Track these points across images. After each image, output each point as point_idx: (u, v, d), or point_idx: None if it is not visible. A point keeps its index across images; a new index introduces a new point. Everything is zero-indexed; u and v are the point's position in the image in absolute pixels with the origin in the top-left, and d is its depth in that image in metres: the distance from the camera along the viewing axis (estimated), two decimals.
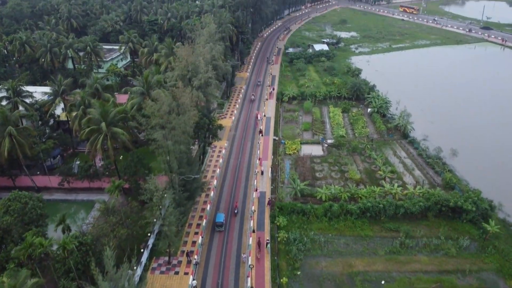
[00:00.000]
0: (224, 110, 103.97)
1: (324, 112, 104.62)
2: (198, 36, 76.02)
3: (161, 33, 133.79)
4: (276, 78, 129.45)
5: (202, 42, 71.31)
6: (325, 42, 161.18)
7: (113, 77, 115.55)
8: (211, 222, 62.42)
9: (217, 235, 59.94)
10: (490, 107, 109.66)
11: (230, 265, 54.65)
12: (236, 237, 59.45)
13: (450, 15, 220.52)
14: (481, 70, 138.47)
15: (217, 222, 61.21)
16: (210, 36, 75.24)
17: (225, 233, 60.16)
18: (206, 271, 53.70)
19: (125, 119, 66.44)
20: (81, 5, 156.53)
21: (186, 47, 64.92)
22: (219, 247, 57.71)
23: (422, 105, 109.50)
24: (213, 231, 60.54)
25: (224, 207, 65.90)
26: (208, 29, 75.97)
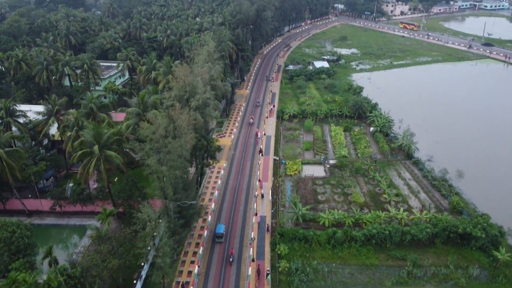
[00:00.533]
0: (223, 129, 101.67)
1: (326, 130, 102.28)
2: (197, 55, 74.06)
3: (160, 50, 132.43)
4: (276, 95, 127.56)
5: (200, 62, 69.34)
6: (325, 59, 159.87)
7: (110, 95, 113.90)
8: (209, 249, 59.45)
9: (215, 264, 56.91)
10: (495, 126, 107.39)
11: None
12: (234, 268, 56.34)
13: (450, 31, 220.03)
14: (485, 87, 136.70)
15: (217, 233, 60.67)
16: (209, 55, 73.33)
17: (223, 265, 56.99)
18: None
19: (120, 140, 63.98)
20: (80, 22, 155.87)
21: (184, 66, 62.85)
22: (217, 277, 54.63)
23: (426, 123, 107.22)
24: (211, 260, 57.49)
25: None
26: (207, 48, 74.10)
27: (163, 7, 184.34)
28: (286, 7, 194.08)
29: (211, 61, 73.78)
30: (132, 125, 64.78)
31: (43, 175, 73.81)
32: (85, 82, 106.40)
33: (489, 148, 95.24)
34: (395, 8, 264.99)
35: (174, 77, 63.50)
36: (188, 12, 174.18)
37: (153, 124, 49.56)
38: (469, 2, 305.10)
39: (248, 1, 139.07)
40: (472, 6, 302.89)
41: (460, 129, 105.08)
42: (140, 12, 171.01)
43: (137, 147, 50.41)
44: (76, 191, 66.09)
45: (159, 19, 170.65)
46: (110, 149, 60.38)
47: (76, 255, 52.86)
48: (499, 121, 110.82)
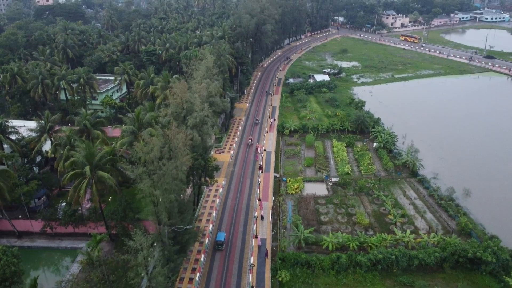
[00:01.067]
0: (222, 144, 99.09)
1: (327, 146, 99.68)
2: (195, 71, 71.76)
3: (159, 63, 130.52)
4: (276, 109, 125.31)
5: (198, 78, 67.01)
6: (326, 72, 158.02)
7: (107, 109, 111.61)
8: (206, 275, 56.37)
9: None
10: (501, 142, 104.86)
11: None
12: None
13: (452, 44, 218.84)
14: (489, 101, 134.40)
15: (218, 241, 60.72)
16: (208, 71, 71.04)
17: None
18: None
19: (114, 160, 61.31)
20: (78, 35, 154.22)
21: (181, 82, 60.54)
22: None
23: (430, 139, 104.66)
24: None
25: (219, 259, 59.86)
26: (206, 63, 71.87)
27: (162, 20, 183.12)
28: (286, 20, 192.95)
29: (210, 76, 71.54)
30: (127, 143, 62.19)
31: (34, 195, 70.99)
32: (82, 97, 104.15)
33: (495, 165, 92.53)
34: (395, 21, 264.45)
35: (171, 94, 61.08)
36: (187, 25, 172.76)
37: (147, 144, 46.95)
38: (469, 14, 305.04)
39: (248, 15, 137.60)
40: (472, 19, 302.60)
41: (465, 144, 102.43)
42: (139, 25, 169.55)
43: (129, 170, 47.74)
44: (67, 213, 63.20)
45: (158, 32, 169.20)
46: (103, 170, 57.69)
47: (65, 283, 49.82)
48: (505, 136, 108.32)
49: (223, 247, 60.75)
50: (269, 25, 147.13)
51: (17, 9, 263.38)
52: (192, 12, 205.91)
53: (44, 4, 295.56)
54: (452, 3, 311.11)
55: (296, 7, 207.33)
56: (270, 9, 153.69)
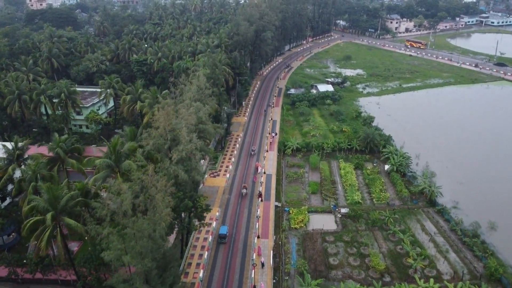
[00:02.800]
0: (217, 166, 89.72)
1: (334, 168, 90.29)
2: (185, 92, 62.43)
3: (150, 74, 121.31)
4: (277, 123, 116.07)
5: (188, 100, 57.68)
6: (329, 82, 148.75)
7: (93, 125, 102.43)
8: None
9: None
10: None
11: None
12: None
13: (459, 49, 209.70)
14: (505, 113, 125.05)
15: (221, 234, 63.91)
16: (199, 91, 61.75)
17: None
18: None
19: (85, 202, 51.82)
20: (66, 42, 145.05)
21: (165, 108, 51.31)
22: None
23: (446, 158, 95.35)
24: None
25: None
26: (197, 81, 62.58)
27: (156, 25, 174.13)
28: (287, 26, 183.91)
29: (202, 97, 62.25)
30: (101, 179, 52.79)
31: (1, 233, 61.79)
32: (64, 113, 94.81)
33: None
34: (399, 25, 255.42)
35: (154, 121, 51.79)
36: (183, 31, 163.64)
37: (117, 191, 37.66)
38: (475, 18, 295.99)
39: (247, 22, 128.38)
40: (478, 22, 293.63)
41: (486, 166, 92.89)
42: (132, 31, 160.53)
43: (93, 230, 38.50)
44: (32, 261, 53.75)
45: (151, 39, 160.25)
46: (72, 213, 48.29)
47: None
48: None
49: (225, 240, 63.79)
50: (269, 32, 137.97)
51: (9, 14, 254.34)
52: (188, 17, 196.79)
53: (38, 8, 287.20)
54: (457, 6, 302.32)
55: (297, 11, 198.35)
56: (270, 15, 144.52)
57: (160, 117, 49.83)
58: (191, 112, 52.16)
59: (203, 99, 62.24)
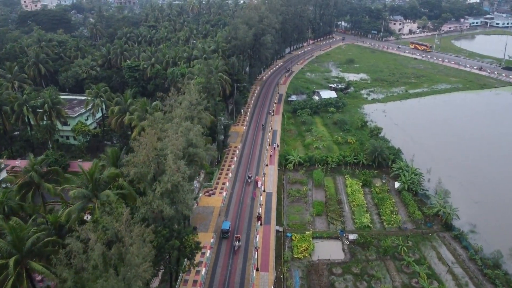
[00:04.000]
0: (213, 183, 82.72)
1: (340, 185, 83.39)
2: (174, 109, 55.43)
3: (143, 81, 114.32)
4: (277, 133, 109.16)
5: (177, 118, 50.67)
6: (332, 87, 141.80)
7: (80, 136, 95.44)
8: None
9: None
10: None
11: None
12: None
13: (465, 52, 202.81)
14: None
15: (223, 229, 65.47)
16: (191, 108, 54.81)
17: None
18: None
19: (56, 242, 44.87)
20: (57, 46, 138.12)
21: (150, 131, 44.46)
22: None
23: (459, 173, 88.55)
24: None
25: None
26: (189, 97, 55.61)
27: (152, 28, 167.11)
28: (287, 28, 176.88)
29: (194, 113, 55.32)
30: (77, 212, 45.86)
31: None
32: (48, 125, 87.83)
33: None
34: (403, 27, 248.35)
35: (136, 145, 44.81)
36: (179, 34, 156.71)
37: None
38: (479, 19, 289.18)
39: (245, 25, 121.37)
40: (483, 24, 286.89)
41: (502, 182, 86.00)
42: (126, 34, 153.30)
43: (63, 274, 31.65)
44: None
45: (146, 42, 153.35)
46: (42, 255, 41.39)
47: None
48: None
49: (228, 235, 65.26)
50: (269, 35, 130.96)
51: (2, 15, 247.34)
52: (185, 19, 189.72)
53: (33, 9, 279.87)
54: (461, 7, 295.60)
55: (298, 13, 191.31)
56: (270, 18, 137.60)
57: (144, 140, 42.95)
58: (180, 135, 45.22)
59: (195, 116, 55.27)
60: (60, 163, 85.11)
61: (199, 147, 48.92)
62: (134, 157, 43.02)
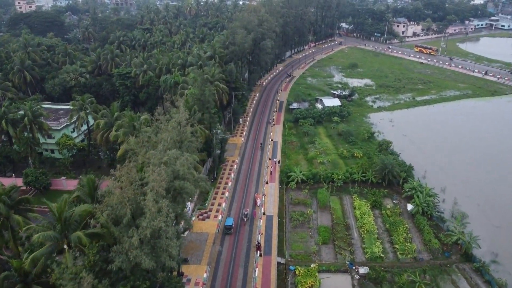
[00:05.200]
0: (207, 204, 75.36)
1: (347, 206, 76.13)
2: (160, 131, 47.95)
3: (135, 89, 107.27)
4: (278, 145, 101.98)
5: (161, 145, 43.22)
6: (336, 95, 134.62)
7: (65, 151, 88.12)
8: None
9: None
10: None
11: None
12: None
13: (472, 56, 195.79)
14: None
15: (226, 225, 66.53)
16: (179, 129, 47.52)
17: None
18: None
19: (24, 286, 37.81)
20: (46, 51, 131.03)
21: (128, 167, 37.27)
22: None
23: (475, 192, 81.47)
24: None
25: None
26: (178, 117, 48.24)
27: (146, 31, 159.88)
28: (288, 31, 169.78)
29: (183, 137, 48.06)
30: (43, 256, 38.65)
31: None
32: (27, 140, 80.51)
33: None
34: (407, 29, 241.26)
35: (114, 181, 37.60)
36: (174, 38, 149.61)
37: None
38: (484, 21, 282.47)
39: (244, 29, 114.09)
40: (488, 26, 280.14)
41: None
42: (119, 38, 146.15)
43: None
44: None
45: (140, 46, 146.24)
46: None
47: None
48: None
49: (231, 231, 66.49)
50: (269, 40, 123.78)
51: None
52: (181, 22, 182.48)
53: (27, 10, 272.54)
54: (465, 9, 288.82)
55: (299, 15, 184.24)
56: (270, 21, 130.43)
57: (120, 174, 35.78)
58: (163, 168, 37.93)
59: (184, 140, 47.95)
60: (41, 182, 78.16)
61: (188, 179, 41.67)
62: (109, 194, 35.76)
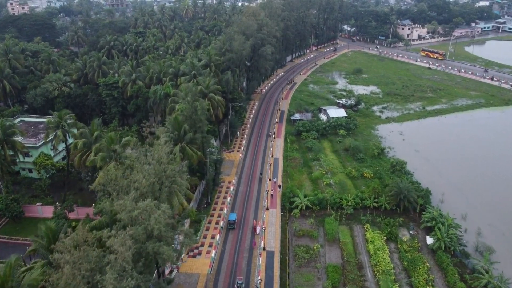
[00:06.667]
0: (199, 237, 66.09)
1: (358, 238, 67.05)
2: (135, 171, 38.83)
3: (123, 99, 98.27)
4: (279, 162, 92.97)
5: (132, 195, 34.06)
6: (340, 104, 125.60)
7: (43, 172, 79.05)
8: None
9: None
10: None
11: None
12: None
13: (481, 61, 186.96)
14: None
15: (230, 221, 68.06)
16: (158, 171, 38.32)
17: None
18: None
19: None
20: (30, 57, 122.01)
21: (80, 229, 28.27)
22: None
23: (500, 219, 72.52)
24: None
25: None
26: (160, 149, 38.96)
27: (139, 35, 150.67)
28: (289, 35, 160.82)
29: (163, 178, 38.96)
30: None
31: None
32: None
33: None
34: (412, 32, 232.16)
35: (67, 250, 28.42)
36: (168, 43, 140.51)
37: None
38: (491, 24, 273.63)
39: (242, 35, 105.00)
40: (495, 28, 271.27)
41: None
42: (109, 43, 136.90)
43: None
44: None
45: (132, 51, 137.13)
46: None
47: None
48: None
49: (234, 226, 67.69)
50: (269, 46, 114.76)
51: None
52: (176, 25, 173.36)
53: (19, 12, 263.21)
54: (471, 11, 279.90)
55: (300, 18, 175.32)
56: (270, 25, 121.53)
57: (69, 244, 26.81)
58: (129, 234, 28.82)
59: (165, 181, 38.86)
60: (12, 210, 69.23)
61: (165, 239, 32.65)
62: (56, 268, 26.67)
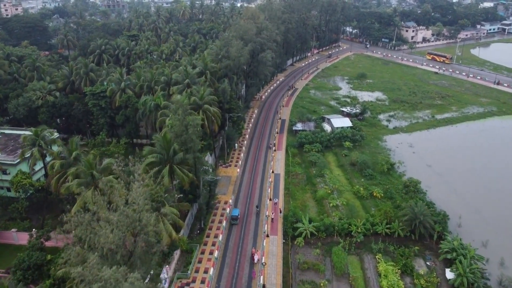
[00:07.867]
0: (190, 271, 58.36)
1: (370, 273, 59.66)
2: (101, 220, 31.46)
3: (111, 110, 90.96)
4: (280, 179, 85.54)
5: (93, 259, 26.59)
6: (345, 112, 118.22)
7: (20, 192, 71.51)
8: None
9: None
10: None
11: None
12: None
13: (489, 65, 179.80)
14: None
15: (233, 216, 68.61)
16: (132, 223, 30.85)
17: None
18: None
19: None
20: (15, 62, 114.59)
21: None
22: None
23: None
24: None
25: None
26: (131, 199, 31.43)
27: (132, 39, 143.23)
28: (289, 38, 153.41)
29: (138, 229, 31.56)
30: None
31: None
32: None
33: None
34: (416, 34, 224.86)
35: None
36: (163, 47, 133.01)
37: None
38: (496, 25, 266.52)
39: (240, 40, 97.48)
40: (500, 30, 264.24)
41: None
42: (100, 47, 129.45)
43: None
44: None
45: (124, 56, 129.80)
46: None
47: None
48: None
49: (237, 221, 68.25)
50: (269, 52, 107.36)
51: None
52: (171, 28, 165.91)
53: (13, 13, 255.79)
54: (475, 12, 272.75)
55: (301, 20, 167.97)
56: (270, 29, 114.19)
57: None
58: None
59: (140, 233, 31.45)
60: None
61: None
62: None
